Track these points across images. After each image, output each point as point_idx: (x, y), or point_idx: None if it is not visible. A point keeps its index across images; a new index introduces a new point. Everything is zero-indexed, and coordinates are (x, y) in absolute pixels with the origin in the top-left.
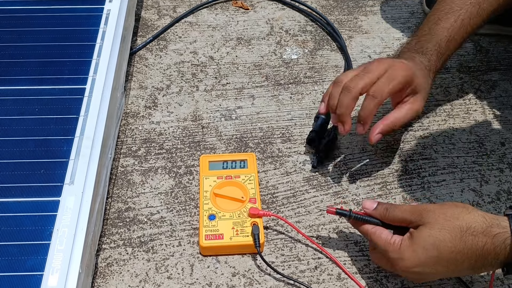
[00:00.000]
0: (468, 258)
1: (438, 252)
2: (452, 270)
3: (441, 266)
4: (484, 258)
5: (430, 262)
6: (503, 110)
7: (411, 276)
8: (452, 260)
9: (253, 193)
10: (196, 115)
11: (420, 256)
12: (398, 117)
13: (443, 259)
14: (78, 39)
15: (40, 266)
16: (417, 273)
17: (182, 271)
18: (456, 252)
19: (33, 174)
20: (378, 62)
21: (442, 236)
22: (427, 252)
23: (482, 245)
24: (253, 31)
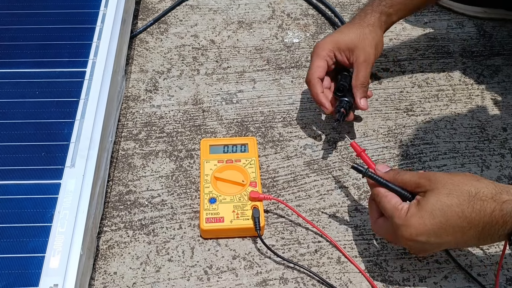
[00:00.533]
0: (475, 225)
1: (445, 218)
2: (457, 239)
3: (447, 234)
4: (491, 226)
5: (436, 230)
6: (506, 96)
7: (415, 246)
8: (459, 227)
9: (254, 177)
10: (197, 98)
11: (427, 222)
12: (363, 75)
13: (450, 225)
14: (78, 21)
15: (41, 248)
16: (421, 243)
17: (183, 254)
18: (463, 218)
19: (34, 157)
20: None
21: (450, 201)
22: (434, 218)
23: (491, 211)
24: (254, 14)
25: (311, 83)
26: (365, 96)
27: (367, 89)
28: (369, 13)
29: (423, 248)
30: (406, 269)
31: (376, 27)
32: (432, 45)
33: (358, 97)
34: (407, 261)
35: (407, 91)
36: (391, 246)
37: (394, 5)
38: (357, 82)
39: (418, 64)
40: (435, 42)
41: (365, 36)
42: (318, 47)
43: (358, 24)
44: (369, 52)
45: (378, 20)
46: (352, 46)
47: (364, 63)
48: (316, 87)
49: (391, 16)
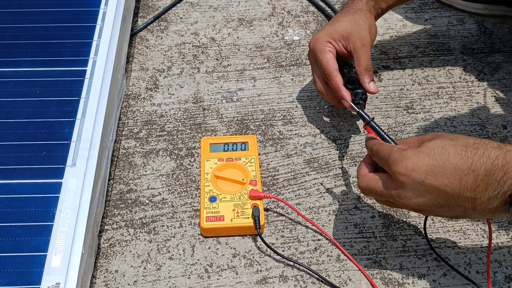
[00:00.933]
0: (475, 170)
1: (446, 156)
2: (454, 186)
3: (444, 175)
4: (492, 175)
5: (434, 168)
6: (506, 93)
7: (408, 189)
8: (458, 170)
9: (254, 175)
10: (197, 97)
11: (426, 158)
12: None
13: (450, 165)
14: (78, 20)
15: (43, 247)
16: (416, 183)
17: (184, 252)
18: (465, 159)
19: (35, 156)
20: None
21: (454, 141)
22: (434, 155)
23: (494, 157)
24: (254, 11)
25: (332, 75)
26: (372, 80)
27: (372, 72)
28: (356, 0)
29: (416, 193)
30: (405, 267)
31: (365, 11)
32: (432, 42)
33: (366, 82)
34: (406, 259)
35: (407, 88)
36: (391, 244)
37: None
38: (360, 68)
39: (419, 61)
40: (435, 39)
41: (356, 21)
42: (316, 43)
43: (346, 12)
44: (364, 35)
45: (366, 5)
46: (346, 34)
47: (362, 47)
48: (337, 79)
49: (379, 3)
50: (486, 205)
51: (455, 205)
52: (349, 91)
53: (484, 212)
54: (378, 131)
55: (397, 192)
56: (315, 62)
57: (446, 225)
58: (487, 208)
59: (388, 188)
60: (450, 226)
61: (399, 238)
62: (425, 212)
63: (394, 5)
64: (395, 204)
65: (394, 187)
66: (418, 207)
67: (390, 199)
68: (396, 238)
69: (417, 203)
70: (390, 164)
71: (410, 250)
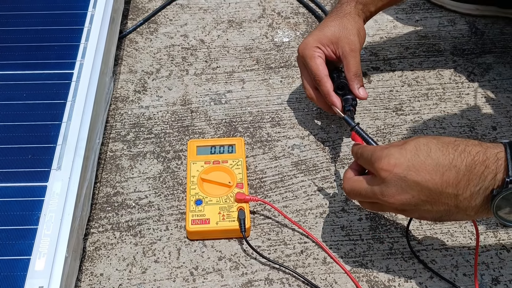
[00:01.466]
0: (456, 166)
1: (427, 152)
2: (435, 180)
3: (426, 170)
4: (473, 170)
5: (416, 163)
6: (496, 94)
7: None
8: (440, 165)
9: (241, 178)
10: (186, 99)
11: (408, 154)
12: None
13: (431, 160)
14: (66, 23)
15: (27, 251)
16: (398, 178)
17: (169, 255)
18: (446, 155)
19: (21, 159)
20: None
21: (436, 140)
22: (416, 151)
23: (475, 153)
24: (244, 13)
25: (322, 81)
26: (362, 85)
27: (362, 78)
28: (344, 3)
29: (398, 189)
30: (392, 270)
31: (354, 15)
32: (423, 43)
33: (355, 88)
34: (393, 262)
35: (397, 90)
36: (377, 247)
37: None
38: (350, 73)
39: (409, 62)
40: (426, 40)
41: (345, 25)
42: (305, 49)
43: (335, 16)
44: (353, 40)
45: (354, 8)
46: (334, 39)
47: (351, 52)
48: (327, 85)
49: (368, 6)
50: (468, 201)
51: (438, 203)
52: (339, 97)
53: (467, 210)
54: (363, 136)
55: (380, 189)
56: (304, 67)
57: (434, 227)
58: (470, 205)
59: (371, 186)
60: (438, 228)
61: (386, 241)
62: (409, 213)
63: (383, 7)
64: (380, 206)
65: (377, 184)
66: (401, 206)
67: (374, 198)
68: (383, 240)
69: (401, 201)
70: (373, 162)
71: (397, 252)
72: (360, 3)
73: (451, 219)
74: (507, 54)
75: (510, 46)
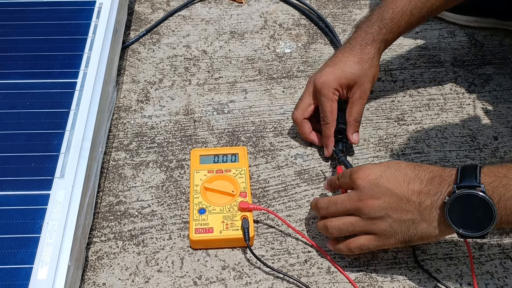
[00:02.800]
0: (420, 178)
1: (397, 167)
2: (403, 189)
3: (394, 180)
4: (433, 181)
5: (387, 174)
6: (497, 104)
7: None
8: (407, 177)
9: (244, 187)
10: (188, 109)
11: (380, 167)
12: (356, 111)
13: (400, 174)
14: (70, 32)
15: (29, 259)
16: (372, 183)
17: (172, 264)
18: (412, 171)
19: (24, 167)
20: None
21: (406, 162)
22: (388, 166)
23: (435, 170)
24: (246, 24)
25: (330, 124)
26: (357, 131)
27: (359, 124)
28: (369, 44)
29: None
30: (396, 279)
31: (376, 59)
32: (423, 54)
33: (350, 132)
34: (397, 271)
35: (398, 100)
36: (382, 256)
37: (393, 32)
38: (350, 118)
39: (410, 73)
40: (426, 51)
41: (365, 72)
42: (324, 87)
43: (359, 58)
44: (366, 88)
45: (378, 51)
46: (352, 83)
47: (359, 99)
48: (332, 130)
49: (388, 42)
50: (430, 210)
51: (405, 211)
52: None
53: (430, 220)
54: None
55: (355, 195)
56: (313, 97)
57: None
58: (431, 215)
59: (348, 195)
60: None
61: (390, 250)
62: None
63: (397, 38)
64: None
65: (353, 192)
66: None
67: (348, 206)
68: (387, 250)
69: (374, 204)
70: (351, 174)
71: (401, 262)
72: (384, 42)
73: (417, 233)
74: (507, 65)
75: (510, 57)
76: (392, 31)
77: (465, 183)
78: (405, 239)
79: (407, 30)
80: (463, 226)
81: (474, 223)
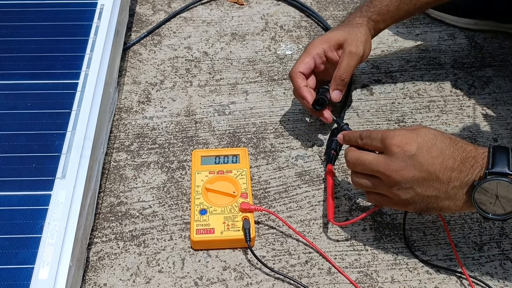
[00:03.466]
0: (454, 157)
1: (434, 141)
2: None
3: (429, 155)
4: (466, 162)
5: (424, 146)
6: (497, 106)
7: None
8: (442, 154)
9: (245, 188)
10: (190, 110)
11: (417, 138)
12: (344, 67)
13: (437, 147)
14: (71, 33)
15: (31, 259)
16: (407, 154)
17: (173, 265)
18: (448, 147)
19: (25, 168)
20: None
21: (440, 133)
22: (424, 138)
23: (468, 150)
24: (247, 26)
25: (292, 76)
26: (339, 90)
27: (344, 84)
28: (357, 17)
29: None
30: (397, 280)
31: (365, 27)
32: (423, 56)
33: (332, 88)
34: (397, 272)
35: (399, 102)
36: (382, 257)
37: (381, 14)
38: (336, 73)
39: (410, 75)
40: (426, 53)
41: (354, 31)
42: (310, 45)
43: (347, 24)
44: (357, 45)
45: (366, 22)
46: (342, 41)
47: (349, 54)
48: (298, 81)
49: (378, 23)
50: (457, 190)
51: (431, 187)
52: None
53: (455, 199)
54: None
55: (385, 161)
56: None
57: (438, 238)
58: (458, 194)
59: (378, 157)
60: (442, 239)
61: (390, 251)
62: (403, 192)
63: (391, 24)
64: (377, 181)
65: (384, 158)
66: (399, 183)
67: (376, 169)
68: (388, 251)
69: (401, 176)
70: (384, 139)
71: (402, 263)
72: (372, 20)
73: (437, 207)
74: (506, 67)
75: (509, 59)
76: (381, 13)
77: (497, 169)
78: (422, 209)
79: (397, 17)
80: (487, 211)
81: (499, 206)
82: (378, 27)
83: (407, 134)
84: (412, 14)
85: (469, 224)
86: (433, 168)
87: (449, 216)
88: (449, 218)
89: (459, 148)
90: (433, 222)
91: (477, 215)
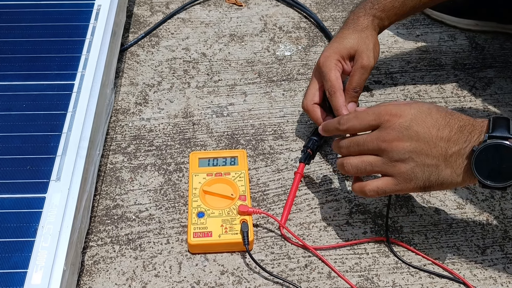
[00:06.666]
0: (450, 126)
1: (428, 112)
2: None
3: (425, 126)
4: (463, 129)
5: (420, 116)
6: (498, 107)
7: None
8: (437, 123)
9: (243, 190)
10: (187, 111)
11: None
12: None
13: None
14: (67, 34)
15: (24, 264)
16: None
17: (170, 269)
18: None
19: (19, 170)
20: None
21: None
22: (419, 109)
23: (466, 119)
24: (246, 27)
25: (337, 93)
26: (353, 101)
27: (358, 95)
28: (361, 16)
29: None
30: (398, 284)
31: (371, 29)
32: (424, 57)
33: (346, 100)
34: (399, 276)
35: None
36: (383, 261)
37: (386, 10)
38: (349, 87)
39: (410, 76)
40: (427, 54)
41: (363, 40)
42: (326, 61)
43: (353, 29)
44: (369, 55)
45: (371, 23)
46: (353, 52)
47: (361, 68)
48: (340, 99)
49: (383, 20)
50: (456, 157)
51: (430, 155)
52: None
53: (455, 167)
54: None
55: (381, 135)
56: (317, 78)
57: (440, 241)
58: (457, 162)
59: (372, 134)
60: (444, 242)
61: (391, 255)
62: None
63: (396, 21)
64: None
65: (379, 131)
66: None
67: (372, 146)
68: (389, 254)
69: (399, 147)
70: (380, 111)
71: (403, 267)
72: (377, 17)
73: (439, 179)
74: (508, 68)
75: (510, 61)
76: (386, 9)
77: (497, 133)
78: (425, 184)
79: (402, 13)
80: (488, 176)
81: (499, 174)
82: (382, 24)
83: (401, 107)
84: (417, 10)
85: (472, 227)
86: (428, 136)
87: (450, 218)
88: (451, 221)
89: (456, 118)
90: (435, 225)
91: (479, 217)
